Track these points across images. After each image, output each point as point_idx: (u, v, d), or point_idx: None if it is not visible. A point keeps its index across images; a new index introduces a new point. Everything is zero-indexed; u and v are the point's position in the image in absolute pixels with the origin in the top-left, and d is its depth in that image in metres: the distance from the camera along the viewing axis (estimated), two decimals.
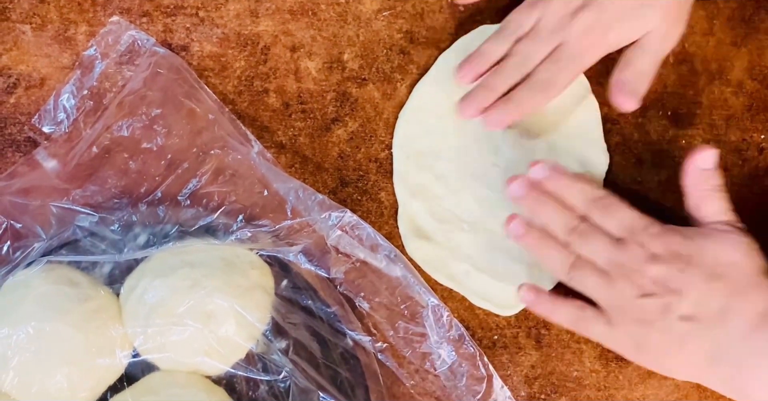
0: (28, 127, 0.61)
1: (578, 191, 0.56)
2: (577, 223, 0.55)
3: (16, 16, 0.63)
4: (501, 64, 0.58)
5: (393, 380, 0.57)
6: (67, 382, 0.52)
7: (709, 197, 0.56)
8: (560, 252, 0.55)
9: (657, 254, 0.53)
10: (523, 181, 0.57)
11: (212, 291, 0.53)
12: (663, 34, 0.57)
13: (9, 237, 0.58)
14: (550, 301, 0.56)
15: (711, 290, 0.52)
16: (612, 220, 0.55)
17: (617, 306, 0.54)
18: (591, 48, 0.57)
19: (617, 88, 0.58)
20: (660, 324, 0.52)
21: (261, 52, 0.63)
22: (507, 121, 0.58)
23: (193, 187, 0.60)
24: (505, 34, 0.58)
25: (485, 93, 0.58)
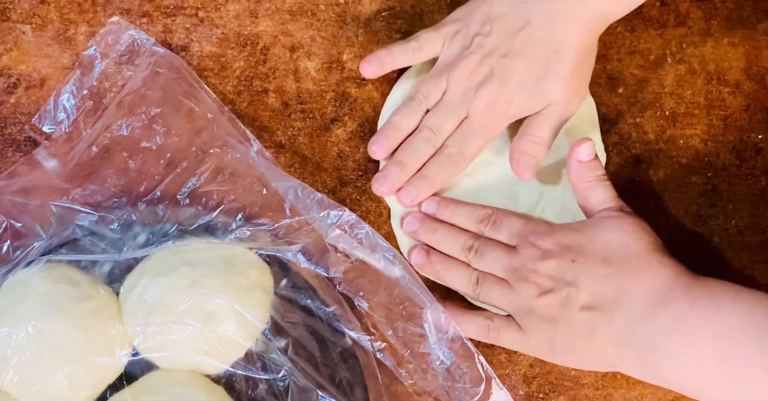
0: (29, 126, 0.62)
1: (467, 214, 0.58)
2: (472, 242, 0.57)
3: (17, 17, 0.63)
4: (411, 138, 0.59)
5: (391, 379, 0.57)
6: (67, 381, 0.52)
7: (593, 187, 0.56)
8: (463, 272, 0.57)
9: (548, 250, 0.54)
10: (414, 216, 0.59)
11: (212, 291, 0.53)
12: (563, 104, 0.58)
13: (9, 237, 0.58)
14: (458, 316, 0.57)
15: (604, 276, 0.53)
16: (503, 231, 0.57)
17: (523, 310, 0.54)
18: (495, 120, 0.58)
19: (514, 158, 0.58)
20: (565, 319, 0.53)
21: (260, 53, 0.64)
22: (420, 198, 0.59)
23: (192, 185, 0.60)
24: (415, 105, 0.59)
25: (398, 170, 0.59)
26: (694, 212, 0.62)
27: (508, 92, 0.57)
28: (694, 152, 0.63)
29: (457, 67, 0.58)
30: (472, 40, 0.58)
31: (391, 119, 0.60)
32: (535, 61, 0.57)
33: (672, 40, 0.64)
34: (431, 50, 0.60)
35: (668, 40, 0.64)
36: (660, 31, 0.64)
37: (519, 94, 0.58)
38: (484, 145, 0.59)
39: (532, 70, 0.57)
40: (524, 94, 0.58)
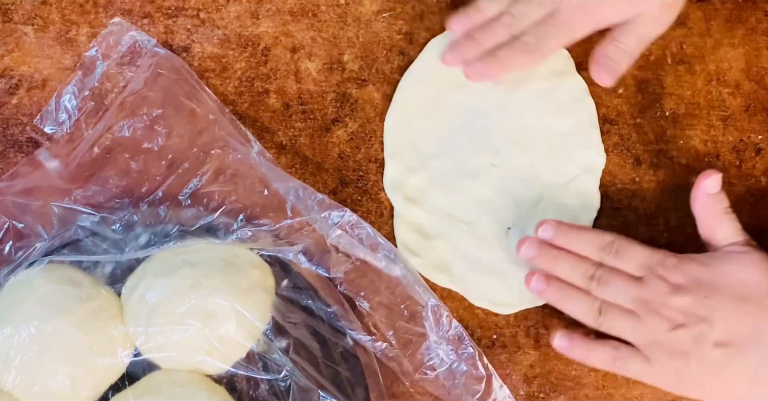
0: (30, 127, 0.62)
1: (588, 241, 0.57)
2: (594, 270, 0.56)
3: (18, 18, 0.64)
4: (492, 21, 0.59)
5: (393, 379, 0.57)
6: (69, 381, 0.52)
7: (720, 220, 0.56)
8: (584, 300, 0.56)
9: (679, 285, 0.54)
10: (533, 241, 0.57)
11: (213, 291, 0.53)
12: (655, 16, 0.58)
13: (11, 237, 0.58)
14: (584, 346, 0.56)
15: (739, 313, 0.52)
16: (627, 261, 0.55)
17: (651, 343, 0.54)
18: (583, 19, 0.58)
19: (598, 61, 0.59)
20: (696, 354, 0.53)
21: (261, 53, 0.64)
22: (487, 75, 0.59)
23: (193, 186, 0.60)
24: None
25: (470, 45, 0.59)
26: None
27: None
28: (694, 153, 0.63)
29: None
30: None
31: (477, 2, 0.60)
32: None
33: (672, 40, 0.64)
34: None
35: (668, 41, 0.64)
36: None
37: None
38: (565, 43, 0.59)
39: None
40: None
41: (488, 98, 0.62)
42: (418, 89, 0.62)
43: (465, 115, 0.62)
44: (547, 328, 0.60)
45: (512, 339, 0.60)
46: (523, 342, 0.60)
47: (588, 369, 0.59)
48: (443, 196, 0.61)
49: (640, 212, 0.62)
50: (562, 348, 0.57)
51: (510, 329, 0.60)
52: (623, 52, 0.58)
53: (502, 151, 0.62)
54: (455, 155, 0.62)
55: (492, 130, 0.62)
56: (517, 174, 0.62)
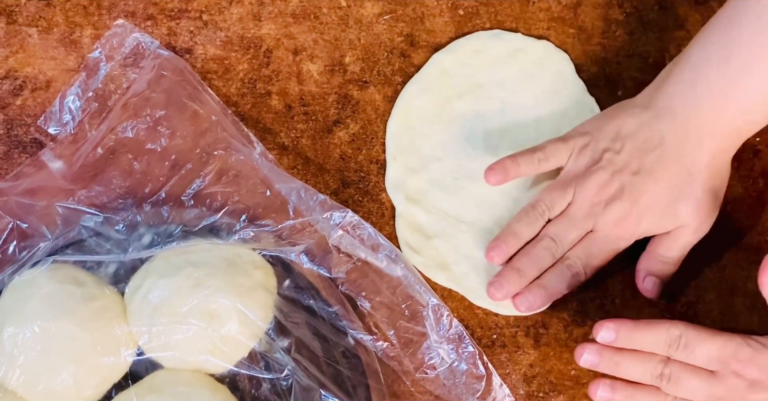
0: (34, 128, 0.62)
1: (653, 340, 0.54)
2: (661, 368, 0.54)
3: (23, 20, 0.64)
4: (531, 245, 0.57)
5: (394, 378, 0.57)
6: (72, 380, 0.53)
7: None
8: (656, 400, 0.54)
9: (756, 380, 0.52)
10: (593, 349, 0.55)
11: (216, 291, 0.53)
12: (695, 227, 0.56)
13: (15, 237, 0.58)
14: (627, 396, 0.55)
15: None
16: (698, 356, 0.53)
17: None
18: (622, 237, 0.57)
19: (640, 276, 0.57)
20: None
21: (264, 55, 0.64)
22: (537, 306, 0.57)
23: (196, 187, 0.60)
24: (537, 214, 0.57)
25: (516, 278, 0.57)
26: None
27: (639, 211, 0.56)
28: None
29: (587, 180, 0.56)
30: (601, 155, 0.56)
31: (510, 225, 0.58)
32: (668, 181, 0.55)
33: (671, 43, 0.64)
34: (557, 161, 0.58)
35: (667, 43, 0.64)
36: (659, 35, 0.65)
37: (650, 214, 0.56)
38: (607, 260, 0.57)
39: (664, 190, 0.55)
40: (655, 214, 0.56)
41: (490, 103, 0.63)
42: (421, 99, 0.63)
43: (466, 119, 0.63)
44: (546, 328, 0.60)
45: (512, 338, 0.60)
46: (522, 342, 0.60)
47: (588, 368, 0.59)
48: (444, 197, 0.61)
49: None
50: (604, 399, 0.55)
51: (510, 329, 0.60)
52: (666, 265, 0.57)
53: (503, 152, 0.62)
54: (456, 157, 0.62)
55: (493, 133, 0.62)
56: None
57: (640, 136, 0.56)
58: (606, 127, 0.57)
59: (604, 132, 0.57)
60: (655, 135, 0.56)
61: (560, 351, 0.60)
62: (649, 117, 0.57)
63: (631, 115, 0.57)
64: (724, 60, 0.55)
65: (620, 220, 0.56)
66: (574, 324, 0.60)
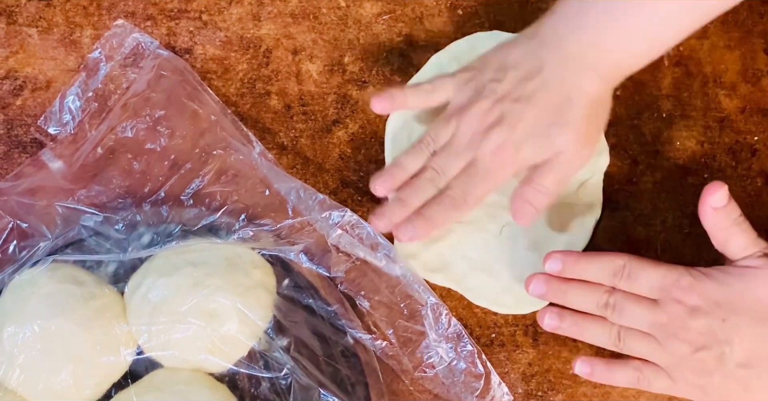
0: (34, 128, 0.62)
1: (599, 268, 0.55)
2: (607, 298, 0.55)
3: (23, 20, 0.64)
4: (415, 178, 0.58)
5: (392, 377, 0.58)
6: (72, 379, 0.53)
7: (732, 234, 0.55)
8: (602, 329, 0.55)
9: (696, 306, 0.53)
10: (540, 278, 0.56)
11: (215, 290, 0.54)
12: (572, 155, 0.56)
13: (15, 237, 0.58)
14: (606, 369, 0.56)
15: (759, 334, 0.52)
16: (641, 284, 0.54)
17: (674, 364, 0.54)
18: (502, 165, 0.57)
19: (515, 204, 0.57)
20: (720, 373, 0.53)
21: (263, 55, 0.64)
22: (417, 236, 0.57)
23: (196, 186, 0.60)
24: (422, 146, 0.58)
25: (399, 207, 0.57)
26: (691, 213, 0.62)
27: (517, 137, 0.56)
28: (690, 154, 0.63)
29: (468, 110, 0.57)
30: (484, 86, 0.57)
31: (397, 159, 0.58)
32: (547, 108, 0.56)
33: None
34: (443, 94, 0.59)
35: None
36: None
37: (528, 140, 0.56)
38: (489, 190, 0.57)
39: (542, 116, 0.56)
40: (533, 140, 0.56)
41: None
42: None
43: None
44: None
45: (511, 337, 0.60)
46: (521, 341, 0.60)
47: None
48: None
49: (637, 212, 0.62)
50: (585, 374, 0.56)
51: (508, 328, 0.60)
52: (541, 193, 0.56)
53: None
54: None
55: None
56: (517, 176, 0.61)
57: (523, 65, 0.56)
58: (491, 59, 0.58)
59: (489, 64, 0.58)
60: (537, 63, 0.56)
61: (558, 350, 0.60)
62: (534, 46, 0.57)
63: (516, 45, 0.58)
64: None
65: (499, 148, 0.56)
66: None
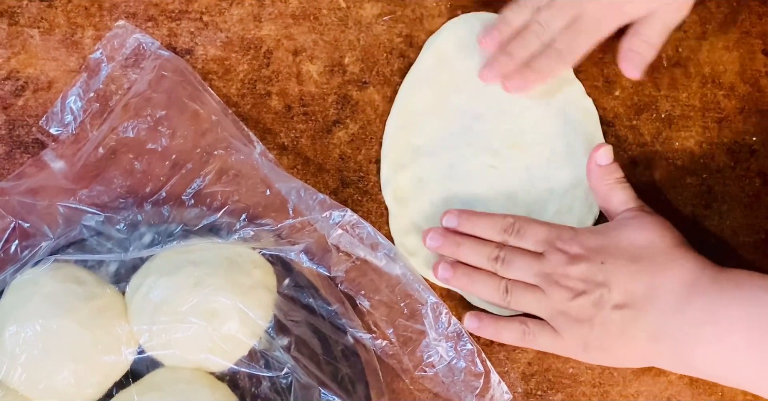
0: (36, 128, 0.62)
1: (490, 225, 0.58)
2: (497, 252, 0.57)
3: (25, 21, 0.64)
4: (522, 32, 0.60)
5: (393, 376, 0.58)
6: (73, 378, 0.53)
7: (613, 189, 0.58)
8: (491, 282, 0.57)
9: (576, 254, 0.56)
10: (437, 231, 0.59)
11: (216, 290, 0.54)
12: (675, 7, 0.59)
13: (17, 237, 0.58)
14: (493, 324, 0.58)
15: (633, 274, 0.54)
16: (527, 239, 0.57)
17: (556, 314, 0.55)
18: (607, 18, 0.59)
19: (625, 56, 0.60)
20: (598, 319, 0.54)
21: (264, 56, 0.64)
22: (527, 87, 0.60)
23: (197, 186, 0.60)
24: (527, 2, 0.61)
25: (506, 59, 0.60)
26: (689, 213, 0.63)
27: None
28: (689, 154, 0.63)
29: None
30: None
31: (502, 13, 0.61)
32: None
33: (668, 43, 0.64)
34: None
35: (664, 44, 0.64)
36: None
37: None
38: (594, 43, 0.60)
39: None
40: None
41: (487, 101, 0.63)
42: (418, 92, 0.63)
43: (464, 118, 0.63)
44: None
45: None
46: None
47: (585, 366, 0.60)
48: (442, 197, 0.62)
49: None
50: (472, 328, 0.58)
51: None
52: (647, 43, 0.60)
53: (501, 152, 0.62)
54: (453, 156, 0.62)
55: (491, 132, 0.63)
56: (516, 174, 0.62)
57: None
58: None
59: None
60: None
61: None
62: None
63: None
64: None
65: (606, 1, 0.59)
66: None
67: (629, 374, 0.60)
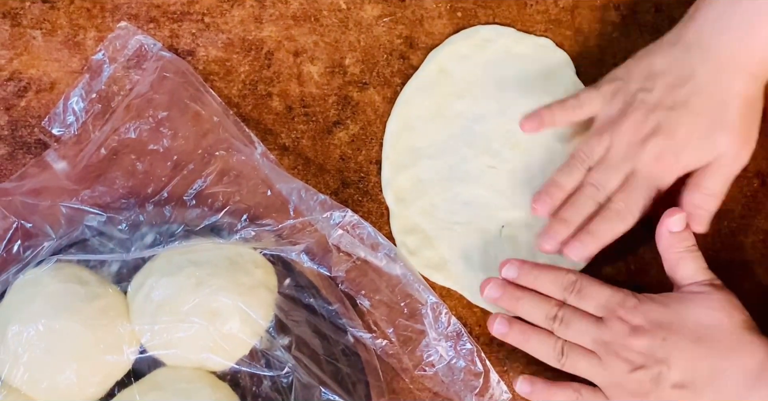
0: (39, 129, 0.62)
1: (551, 280, 0.57)
2: (556, 311, 0.56)
3: (27, 22, 0.64)
4: (575, 195, 0.58)
5: (393, 375, 0.58)
6: (76, 378, 0.53)
7: (683, 259, 0.56)
8: (547, 342, 0.56)
9: (638, 326, 0.54)
10: (496, 282, 0.57)
11: (217, 290, 0.54)
12: (733, 155, 0.56)
13: (20, 237, 0.58)
14: (546, 390, 0.57)
15: (697, 355, 0.53)
16: (589, 301, 0.56)
17: (612, 384, 0.54)
18: (663, 174, 0.57)
19: (689, 209, 0.57)
20: (654, 395, 0.53)
21: (265, 57, 0.64)
22: (588, 253, 0.57)
23: (198, 187, 0.60)
24: (577, 163, 0.58)
25: (563, 227, 0.57)
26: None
27: (677, 145, 0.56)
28: None
29: (622, 123, 0.57)
30: (634, 97, 0.57)
31: (553, 177, 0.59)
32: (702, 112, 0.56)
33: None
34: (591, 109, 0.59)
35: None
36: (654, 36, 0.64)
37: (688, 147, 0.56)
38: (652, 200, 0.57)
39: (699, 122, 0.56)
40: (693, 146, 0.56)
41: (488, 104, 0.63)
42: (419, 99, 0.63)
43: (464, 121, 0.63)
44: None
45: None
46: None
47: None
48: (441, 196, 0.62)
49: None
50: (525, 393, 0.57)
51: None
52: (710, 197, 0.57)
53: (501, 153, 0.62)
54: (453, 157, 0.62)
55: (491, 134, 0.63)
56: (516, 175, 0.62)
57: (671, 72, 0.56)
58: (636, 69, 0.58)
59: (635, 73, 0.58)
60: (686, 68, 0.56)
61: None
62: (679, 52, 0.57)
63: (659, 53, 0.58)
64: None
65: (659, 157, 0.56)
66: None
67: None
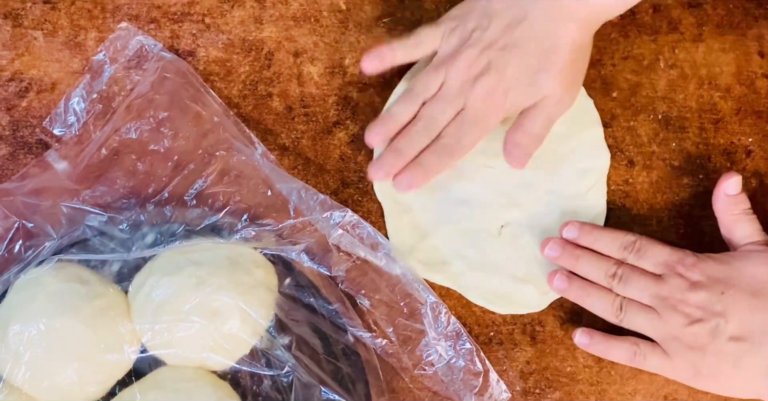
0: (40, 129, 0.62)
1: (610, 240, 0.58)
2: (615, 269, 0.57)
3: (28, 23, 0.64)
4: (408, 127, 0.59)
5: (392, 375, 0.58)
6: (77, 377, 0.53)
7: (739, 221, 0.58)
8: (606, 298, 0.57)
9: (696, 281, 0.55)
10: (557, 241, 0.59)
11: (217, 289, 0.54)
12: (557, 99, 0.58)
13: (21, 237, 0.58)
14: (604, 342, 0.58)
15: (753, 308, 0.54)
16: (648, 260, 0.57)
17: (670, 338, 0.55)
18: (492, 112, 0.58)
19: (509, 149, 0.59)
20: (712, 348, 0.54)
21: (265, 58, 0.65)
22: (416, 184, 0.58)
23: (199, 187, 0.60)
24: (412, 95, 0.59)
25: (395, 157, 0.58)
26: (686, 213, 0.63)
27: (505, 83, 0.58)
28: (686, 155, 0.63)
29: (456, 59, 0.58)
30: (470, 34, 0.59)
31: (389, 109, 0.60)
32: (532, 54, 0.57)
33: (665, 45, 0.65)
34: (430, 45, 0.60)
35: (661, 46, 0.65)
36: (653, 37, 0.65)
37: (515, 86, 0.58)
38: (481, 136, 0.59)
39: (528, 62, 0.58)
40: (520, 85, 0.58)
41: None
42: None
43: None
44: (542, 325, 0.61)
45: (509, 336, 0.60)
46: (519, 339, 0.60)
47: (582, 365, 0.60)
48: (440, 196, 0.62)
49: (633, 212, 0.62)
50: (583, 344, 0.58)
51: (507, 326, 0.61)
52: (531, 135, 0.59)
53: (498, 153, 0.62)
54: None
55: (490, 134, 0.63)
56: (515, 175, 0.62)
57: (507, 13, 0.58)
58: (474, 7, 0.60)
59: (473, 13, 0.59)
60: (521, 11, 0.58)
61: (556, 349, 0.60)
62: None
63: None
64: None
65: (489, 94, 0.58)
66: (570, 322, 0.61)
67: (626, 372, 0.60)
